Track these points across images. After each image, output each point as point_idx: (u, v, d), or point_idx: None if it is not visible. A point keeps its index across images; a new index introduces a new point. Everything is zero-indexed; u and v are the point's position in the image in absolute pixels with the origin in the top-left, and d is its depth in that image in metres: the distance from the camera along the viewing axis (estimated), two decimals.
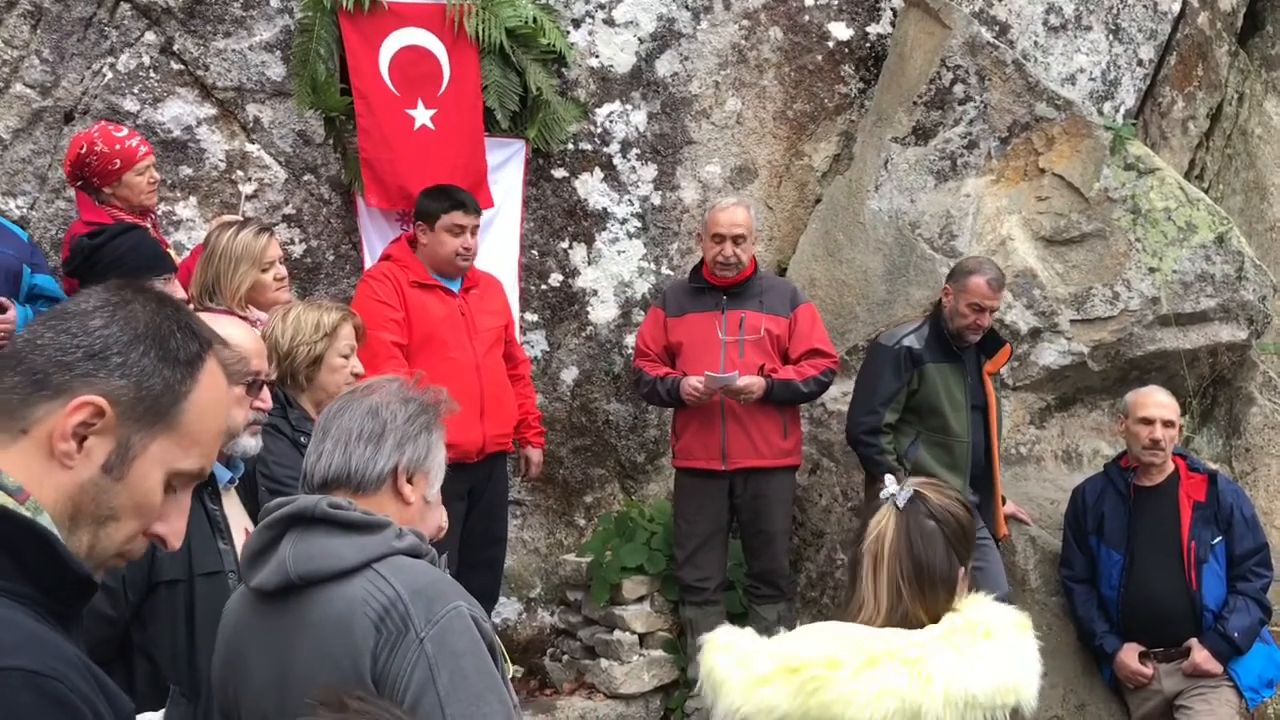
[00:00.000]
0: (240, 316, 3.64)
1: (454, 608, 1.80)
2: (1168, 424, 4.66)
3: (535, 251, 5.47)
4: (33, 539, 1.19)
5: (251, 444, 2.46)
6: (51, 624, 1.20)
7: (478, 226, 4.68)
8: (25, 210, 4.88)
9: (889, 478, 2.29)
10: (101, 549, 1.26)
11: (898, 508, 2.21)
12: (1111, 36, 6.02)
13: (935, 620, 2.15)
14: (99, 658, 1.39)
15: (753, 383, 4.75)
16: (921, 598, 2.16)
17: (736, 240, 4.82)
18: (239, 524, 2.41)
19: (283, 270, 3.98)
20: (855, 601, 2.21)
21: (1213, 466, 5.00)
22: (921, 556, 2.17)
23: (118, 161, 4.16)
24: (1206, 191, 6.05)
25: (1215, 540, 4.64)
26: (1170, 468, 4.73)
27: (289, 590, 1.84)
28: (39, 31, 4.88)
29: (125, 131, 4.38)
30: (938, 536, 2.18)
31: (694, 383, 4.75)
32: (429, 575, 1.85)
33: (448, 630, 1.77)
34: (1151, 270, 5.37)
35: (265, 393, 2.51)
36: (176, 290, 3.47)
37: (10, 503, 1.19)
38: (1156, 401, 4.71)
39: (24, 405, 1.22)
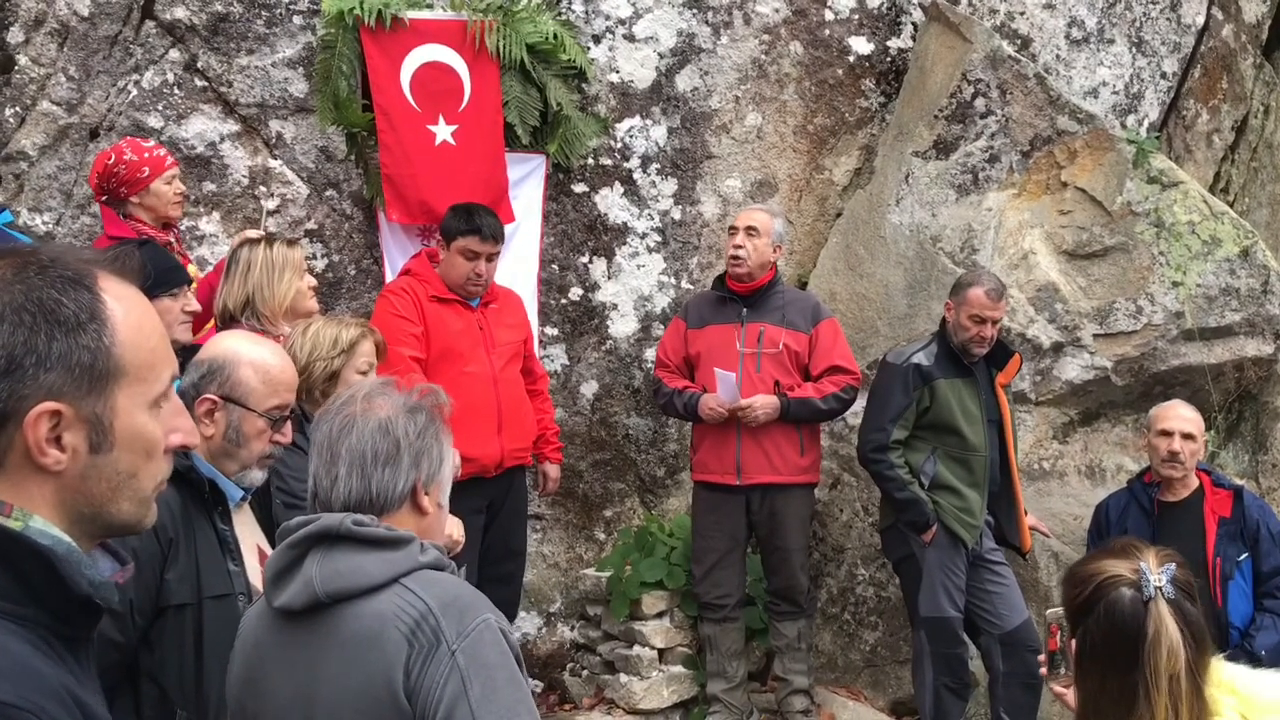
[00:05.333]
0: (275, 335, 3.66)
1: (483, 620, 1.81)
2: (1187, 436, 4.61)
3: (555, 266, 5.48)
4: (27, 554, 1.18)
5: (259, 477, 2.44)
6: (56, 647, 1.19)
7: (495, 254, 4.59)
8: (51, 225, 4.93)
9: (1142, 563, 1.85)
10: (146, 496, 1.27)
11: (1168, 599, 1.82)
12: (1134, 49, 5.98)
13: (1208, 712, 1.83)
14: (105, 683, 1.37)
15: (756, 403, 4.73)
16: (1204, 689, 1.83)
17: (748, 231, 4.85)
18: (250, 542, 2.40)
19: (313, 279, 4.02)
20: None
21: (1238, 482, 4.95)
22: (1207, 646, 1.84)
23: (146, 169, 4.18)
24: (1231, 205, 6.00)
25: (1241, 557, 4.59)
26: (1195, 483, 4.68)
27: (315, 609, 1.85)
28: (66, 49, 4.94)
29: (152, 143, 4.43)
30: (1199, 613, 1.85)
31: (711, 404, 4.75)
32: (457, 588, 1.86)
33: (478, 642, 1.78)
34: (1175, 284, 5.32)
35: (288, 428, 2.46)
36: (191, 303, 3.50)
37: None
38: (1177, 414, 4.67)
39: None
